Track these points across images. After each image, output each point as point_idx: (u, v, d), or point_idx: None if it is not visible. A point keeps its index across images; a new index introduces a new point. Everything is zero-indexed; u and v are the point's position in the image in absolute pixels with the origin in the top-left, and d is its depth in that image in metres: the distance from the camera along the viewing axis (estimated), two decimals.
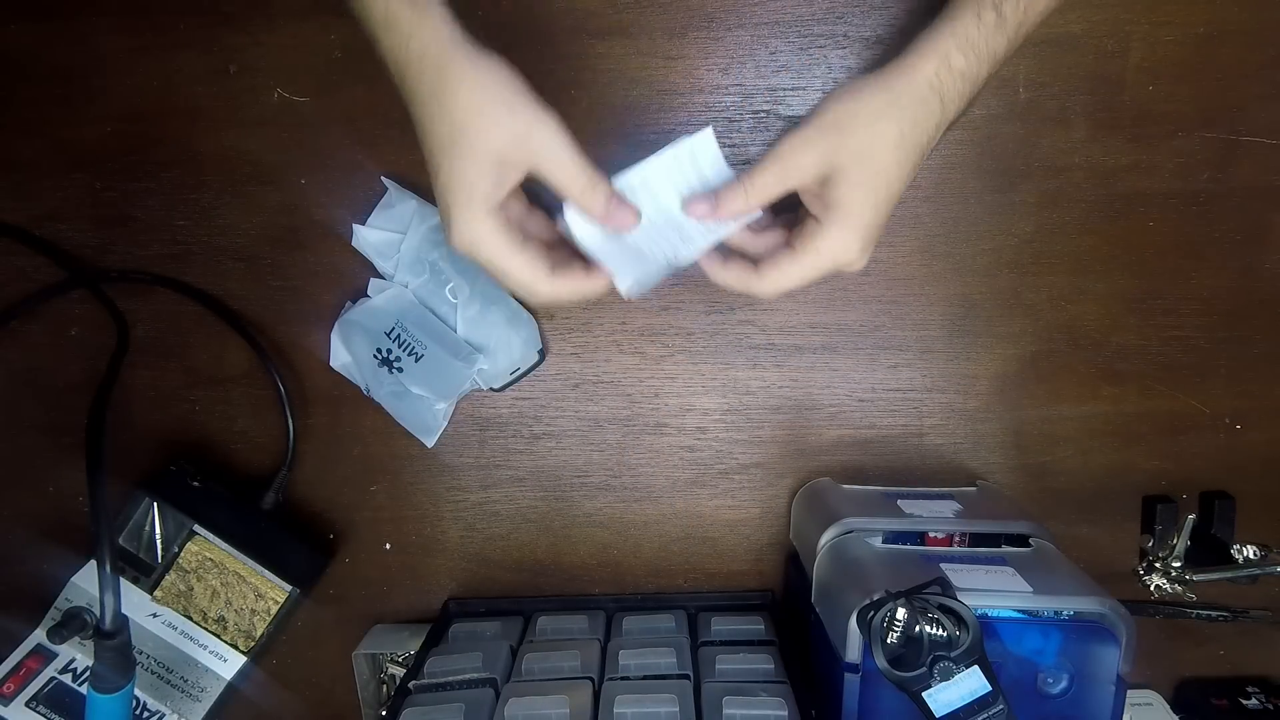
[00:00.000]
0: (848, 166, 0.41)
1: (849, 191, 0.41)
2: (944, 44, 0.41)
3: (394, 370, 0.57)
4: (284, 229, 0.58)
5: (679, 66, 0.55)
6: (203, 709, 0.57)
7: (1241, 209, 0.56)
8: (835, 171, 0.41)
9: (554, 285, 0.43)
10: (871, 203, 0.42)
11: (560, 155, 0.41)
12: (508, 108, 0.40)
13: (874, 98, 0.41)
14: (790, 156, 0.42)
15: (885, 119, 0.41)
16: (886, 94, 0.41)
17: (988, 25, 0.41)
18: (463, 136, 0.39)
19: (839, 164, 0.41)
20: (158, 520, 0.56)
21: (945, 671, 0.38)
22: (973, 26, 0.41)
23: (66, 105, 0.57)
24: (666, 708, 0.46)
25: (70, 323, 0.59)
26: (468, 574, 0.63)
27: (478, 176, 0.40)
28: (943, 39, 0.41)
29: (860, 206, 0.42)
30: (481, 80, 0.39)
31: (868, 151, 0.41)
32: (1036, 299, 0.58)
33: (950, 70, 0.41)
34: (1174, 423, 0.59)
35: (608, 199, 0.42)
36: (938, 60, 0.41)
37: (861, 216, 0.42)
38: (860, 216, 0.42)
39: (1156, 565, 0.57)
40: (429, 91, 0.40)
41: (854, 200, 0.41)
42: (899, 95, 0.41)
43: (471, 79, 0.39)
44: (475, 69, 0.39)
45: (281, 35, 0.55)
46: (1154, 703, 0.60)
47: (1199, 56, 0.54)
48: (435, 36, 0.39)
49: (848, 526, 0.52)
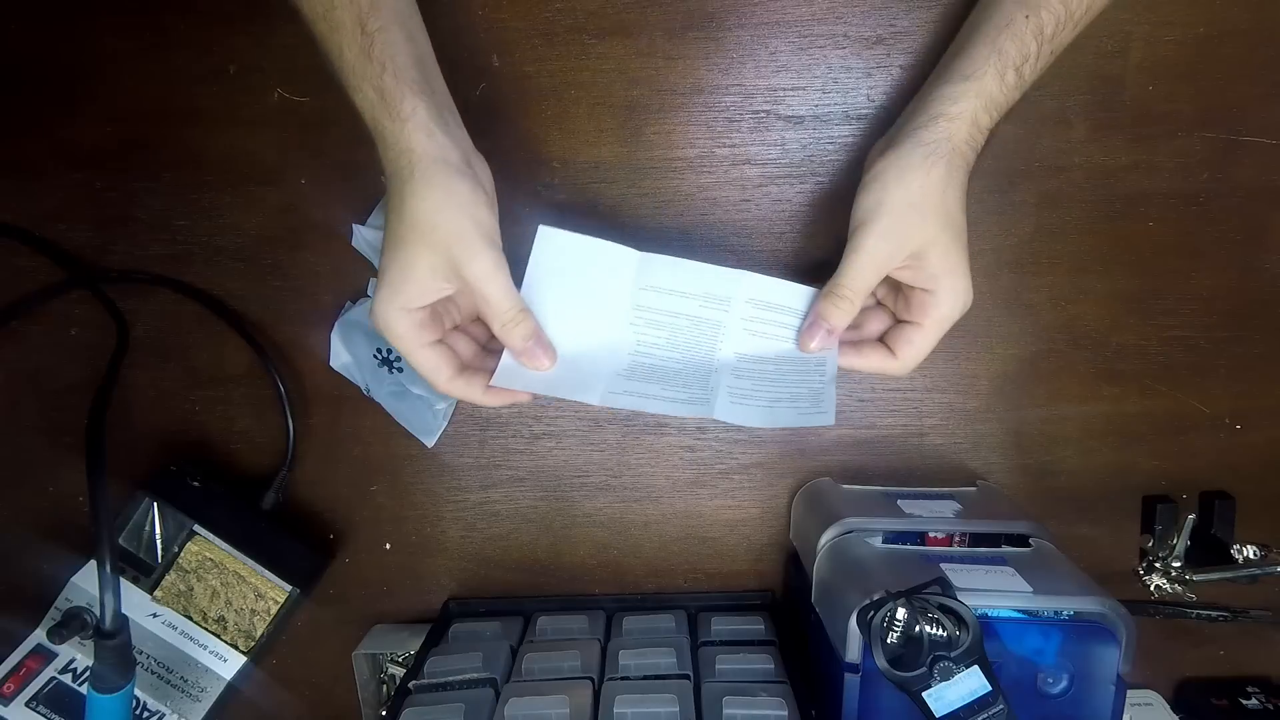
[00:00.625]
0: (935, 235, 0.44)
1: (947, 254, 0.45)
2: (971, 106, 0.44)
3: (394, 370, 0.57)
4: (284, 229, 0.58)
5: (679, 66, 0.55)
6: (203, 709, 0.57)
7: (1241, 209, 0.56)
8: (927, 244, 0.44)
9: (451, 387, 0.46)
10: (962, 251, 0.46)
11: (489, 289, 0.43)
12: (455, 234, 0.42)
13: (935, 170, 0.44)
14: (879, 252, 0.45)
15: (949, 184, 0.44)
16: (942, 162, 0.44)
17: (1009, 85, 0.44)
18: (408, 239, 0.43)
19: (929, 236, 0.44)
20: (158, 520, 0.56)
21: (945, 671, 0.38)
22: (995, 88, 0.44)
23: (66, 105, 0.57)
24: (666, 708, 0.46)
25: (70, 323, 0.59)
26: (468, 574, 0.63)
27: (409, 276, 0.43)
28: (969, 100, 0.44)
29: (958, 258, 0.45)
30: (440, 201, 0.42)
31: (945, 215, 0.44)
32: (1036, 299, 0.58)
33: (979, 129, 0.45)
34: (1174, 423, 0.59)
35: (526, 338, 0.45)
36: (969, 123, 0.44)
37: (963, 268, 0.46)
38: (962, 269, 0.46)
39: (1156, 565, 0.57)
40: (397, 191, 0.43)
41: (953, 258, 0.45)
42: (950, 161, 0.44)
43: (433, 196, 0.42)
44: (440, 188, 0.42)
45: (281, 35, 0.55)
46: (1154, 703, 0.61)
47: (1199, 56, 0.54)
48: (410, 147, 0.42)
49: (848, 526, 0.52)
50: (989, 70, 0.44)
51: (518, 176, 0.55)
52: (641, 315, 0.50)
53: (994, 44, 0.44)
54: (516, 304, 0.45)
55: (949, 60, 0.47)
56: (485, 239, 0.43)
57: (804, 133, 0.56)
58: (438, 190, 0.42)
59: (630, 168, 0.56)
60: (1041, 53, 0.44)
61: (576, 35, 0.54)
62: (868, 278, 0.46)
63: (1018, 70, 0.44)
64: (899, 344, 0.48)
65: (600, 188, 0.57)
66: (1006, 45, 0.44)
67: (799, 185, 0.56)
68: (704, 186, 0.56)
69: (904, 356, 0.48)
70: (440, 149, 0.42)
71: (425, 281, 0.43)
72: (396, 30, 0.42)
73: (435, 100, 0.43)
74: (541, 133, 0.56)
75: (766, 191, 0.57)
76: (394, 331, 0.44)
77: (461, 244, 0.42)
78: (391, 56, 0.42)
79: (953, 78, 0.45)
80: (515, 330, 0.45)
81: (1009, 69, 0.44)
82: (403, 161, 0.42)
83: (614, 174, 0.56)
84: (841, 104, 0.55)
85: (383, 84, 0.42)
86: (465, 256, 0.42)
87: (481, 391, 0.47)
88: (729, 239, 0.57)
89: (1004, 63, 0.44)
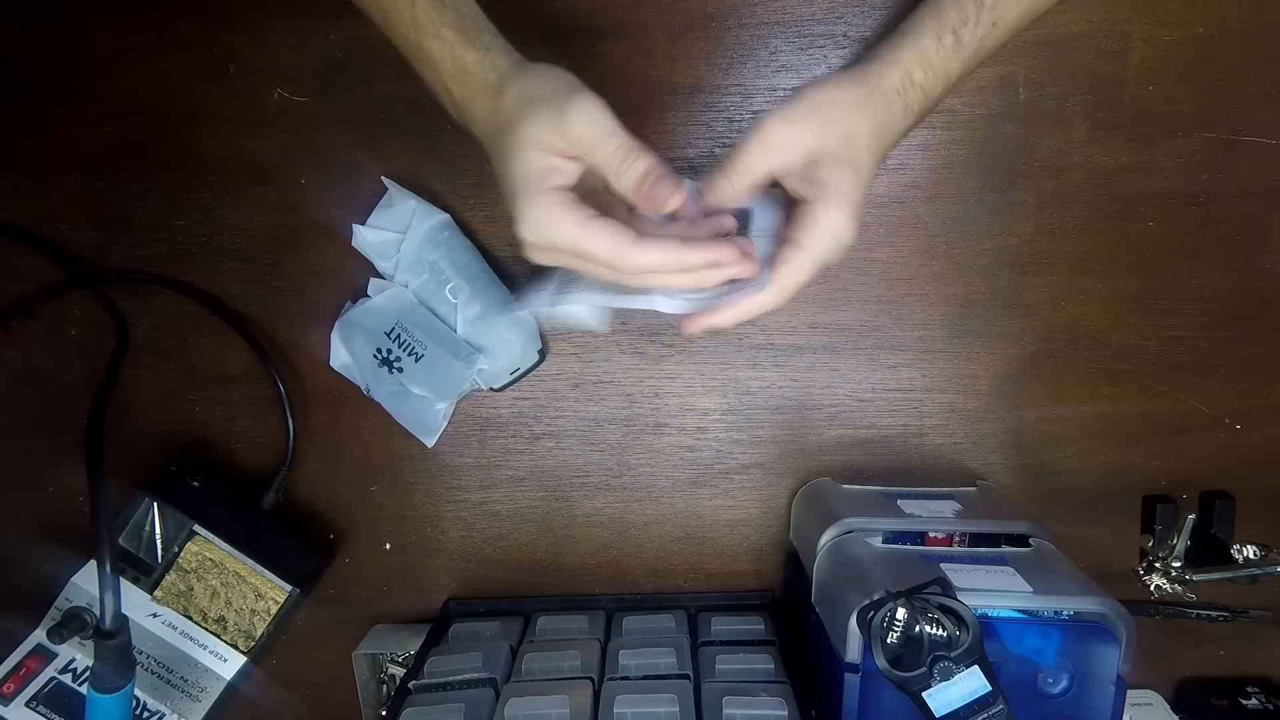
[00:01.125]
0: (833, 148, 0.42)
1: (837, 171, 0.43)
2: (906, 57, 0.44)
3: (394, 370, 0.57)
4: (284, 229, 0.58)
5: (679, 66, 0.55)
6: (203, 709, 0.57)
7: (1241, 209, 0.56)
8: (822, 153, 0.42)
9: (644, 250, 0.40)
10: (856, 183, 0.43)
11: (593, 130, 0.40)
12: (546, 99, 0.40)
13: (852, 90, 0.43)
14: (773, 135, 0.42)
15: (863, 110, 0.43)
16: (862, 88, 0.43)
17: (946, 48, 0.44)
18: (509, 130, 0.40)
19: (825, 146, 0.42)
20: (158, 520, 0.56)
21: (945, 671, 0.38)
22: (932, 48, 0.44)
23: (66, 105, 0.57)
24: (666, 708, 0.46)
25: (70, 323, 0.59)
26: (468, 574, 0.63)
27: (530, 162, 0.40)
28: (904, 53, 0.44)
29: (849, 185, 0.43)
30: (527, 83, 0.41)
31: (849, 136, 0.43)
32: (1036, 299, 0.58)
33: (911, 83, 0.44)
34: (1174, 423, 0.59)
35: (643, 174, 0.40)
36: (901, 72, 0.44)
37: (851, 195, 0.43)
38: (850, 195, 0.43)
39: (1156, 565, 0.57)
40: (490, 110, 0.42)
41: (843, 179, 0.43)
42: (872, 92, 0.43)
43: (520, 85, 0.41)
44: (527, 76, 0.41)
45: (281, 35, 0.55)
46: (1154, 703, 0.60)
47: (1199, 56, 0.54)
48: (499, 64, 0.42)
49: (848, 526, 0.52)
50: (926, 29, 0.44)
51: None
52: None
53: (935, 6, 0.44)
54: (628, 139, 0.40)
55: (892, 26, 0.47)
56: (578, 90, 0.40)
57: None
58: (534, 74, 0.41)
59: None
60: (981, 19, 0.44)
61: (576, 35, 0.54)
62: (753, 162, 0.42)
63: (955, 33, 0.44)
64: (775, 267, 0.43)
65: None
66: (946, 9, 0.44)
67: None
68: None
69: (777, 278, 0.43)
70: (523, 61, 0.42)
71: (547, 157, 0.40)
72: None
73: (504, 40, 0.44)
74: None
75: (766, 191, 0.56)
76: (554, 223, 0.40)
77: (554, 101, 0.40)
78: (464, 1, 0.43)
79: (891, 36, 0.45)
80: (634, 167, 0.40)
81: (946, 31, 0.44)
82: (492, 76, 0.41)
83: None
84: None
85: (461, 24, 0.42)
86: (568, 104, 0.39)
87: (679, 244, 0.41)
88: None
89: (941, 24, 0.44)
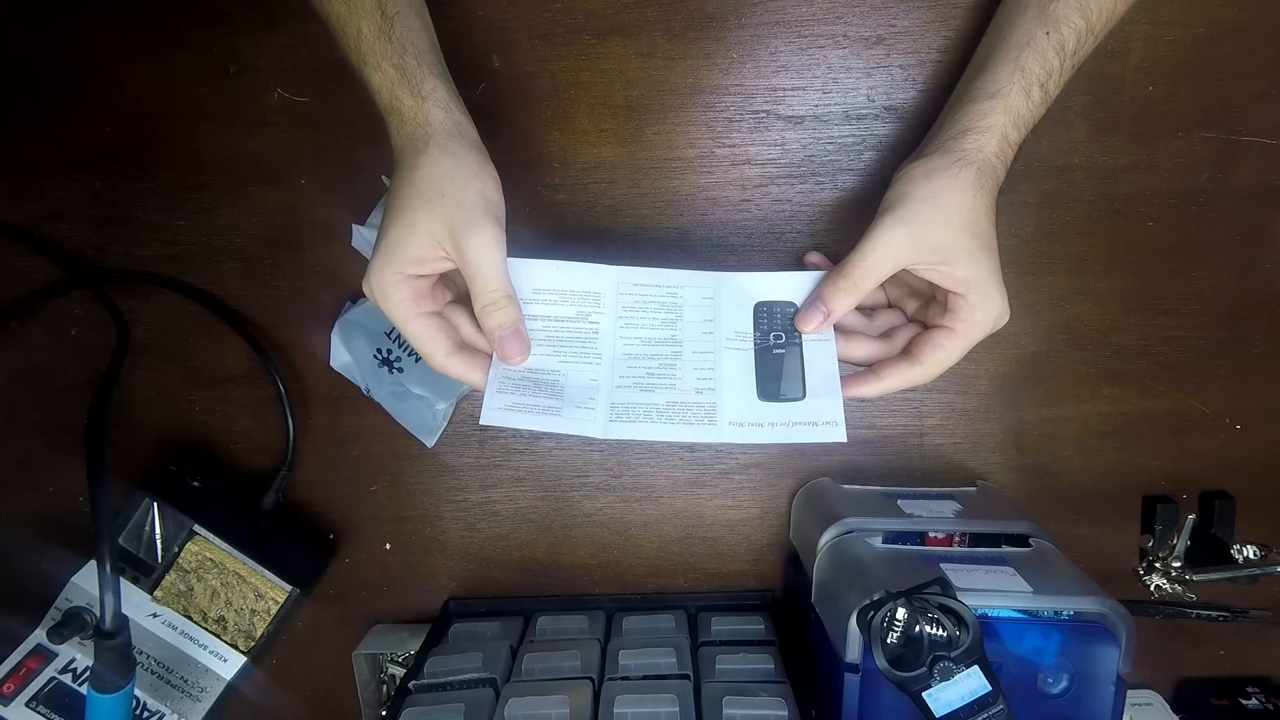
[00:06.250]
0: (959, 239, 0.43)
1: (973, 263, 0.43)
2: (1000, 121, 0.44)
3: (394, 370, 0.57)
4: (284, 229, 0.58)
5: (679, 66, 0.55)
6: (203, 709, 0.57)
7: (1241, 209, 0.56)
8: (951, 245, 0.43)
9: (449, 364, 0.44)
10: (993, 261, 0.44)
11: (481, 262, 0.42)
12: (460, 202, 0.42)
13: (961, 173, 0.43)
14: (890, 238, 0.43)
15: (978, 190, 0.43)
16: (970, 169, 0.43)
17: (1034, 102, 0.44)
18: (412, 204, 0.42)
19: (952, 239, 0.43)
20: (158, 520, 0.56)
21: (945, 671, 0.38)
22: (1021, 104, 0.44)
23: (66, 105, 0.57)
24: (666, 708, 0.46)
25: (70, 323, 0.59)
26: (468, 574, 0.63)
27: (408, 239, 0.42)
28: (998, 116, 0.44)
29: (990, 272, 0.44)
30: (451, 168, 0.42)
31: (971, 221, 0.43)
32: (1036, 299, 0.58)
33: (1008, 143, 0.44)
34: (1174, 423, 0.59)
35: (503, 324, 0.43)
36: (999, 137, 0.44)
37: (994, 279, 0.44)
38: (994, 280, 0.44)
39: (1156, 565, 0.57)
40: (408, 161, 0.43)
41: (983, 269, 0.44)
42: (981, 168, 0.44)
43: (445, 163, 0.42)
44: (454, 156, 0.42)
45: (281, 35, 0.55)
46: (1154, 703, 0.61)
47: (1199, 56, 0.54)
48: (428, 121, 0.42)
49: (848, 526, 0.52)
50: (1014, 87, 0.44)
51: (518, 177, 0.55)
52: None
53: (1016, 62, 0.44)
54: (505, 287, 0.43)
55: (971, 79, 0.47)
56: (489, 213, 0.42)
57: (804, 133, 0.56)
58: (450, 158, 0.42)
59: (630, 168, 0.56)
60: (1064, 68, 0.44)
61: (577, 35, 0.54)
62: (877, 264, 0.43)
63: (1042, 86, 0.44)
64: (926, 349, 0.45)
65: (600, 188, 0.57)
66: (1029, 62, 0.44)
67: (799, 185, 0.56)
68: (704, 186, 0.56)
69: (930, 360, 0.45)
70: (457, 125, 0.43)
71: (423, 247, 0.42)
72: (413, 16, 0.44)
73: (450, 86, 0.44)
74: (542, 133, 0.56)
75: (766, 191, 0.57)
76: (389, 298, 0.42)
77: (464, 212, 0.41)
78: (411, 40, 0.43)
79: (978, 96, 0.45)
80: (496, 314, 0.43)
81: (1034, 85, 0.44)
82: (419, 134, 0.42)
83: (614, 174, 0.56)
84: (841, 104, 0.55)
85: (404, 64, 0.42)
86: (466, 226, 0.41)
87: (482, 375, 0.45)
88: (729, 239, 0.57)
89: (1028, 80, 0.44)
